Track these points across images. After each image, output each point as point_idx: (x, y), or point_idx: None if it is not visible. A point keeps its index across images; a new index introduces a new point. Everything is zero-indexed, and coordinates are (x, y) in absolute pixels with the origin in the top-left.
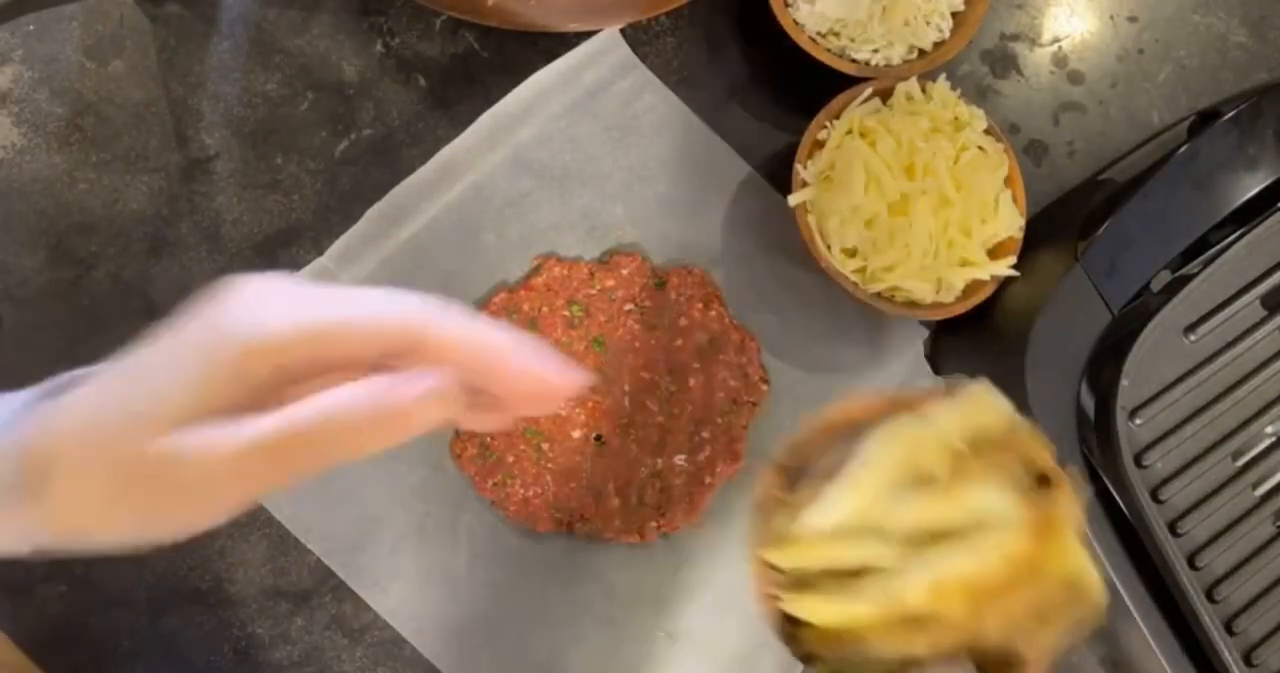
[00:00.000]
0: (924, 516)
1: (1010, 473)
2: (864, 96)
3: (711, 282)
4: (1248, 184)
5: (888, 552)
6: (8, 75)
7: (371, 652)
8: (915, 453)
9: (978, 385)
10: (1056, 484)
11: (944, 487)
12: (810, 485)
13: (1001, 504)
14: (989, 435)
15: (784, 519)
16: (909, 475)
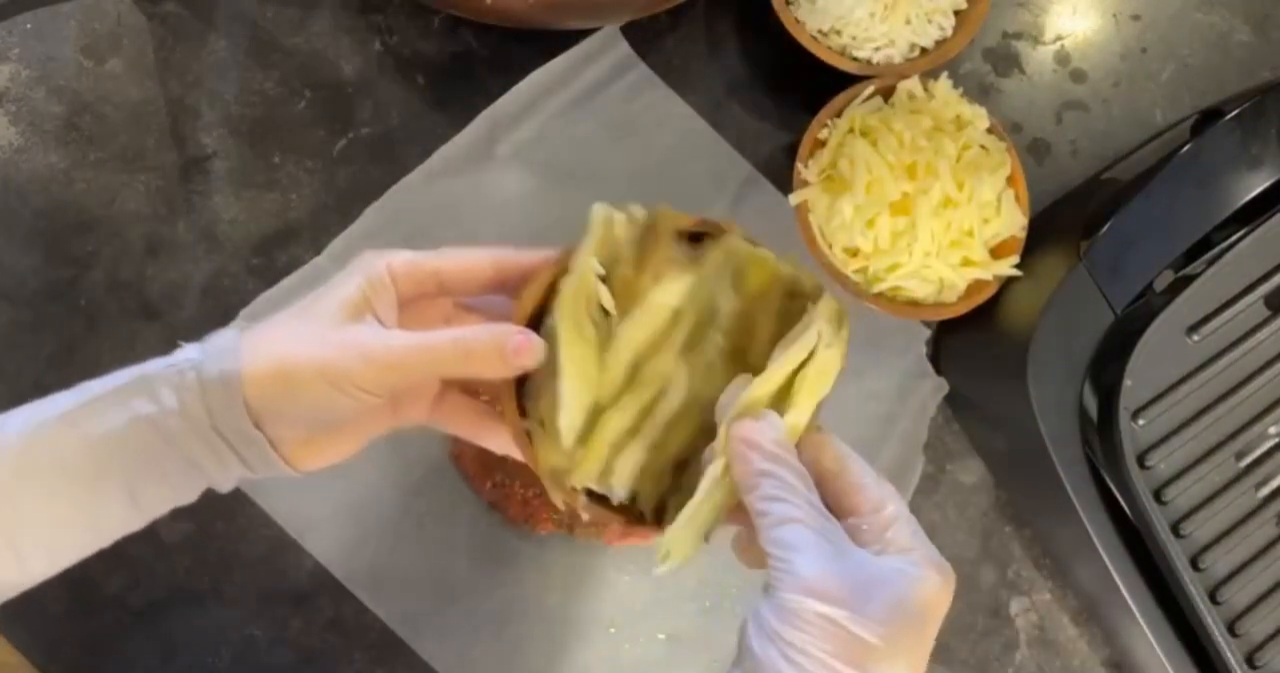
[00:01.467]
0: (633, 342)
1: (674, 258)
2: (865, 95)
3: None
4: (1251, 183)
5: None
6: (5, 74)
7: (370, 653)
8: (585, 305)
9: (595, 212)
10: (714, 235)
11: (623, 316)
12: (542, 390)
13: (678, 287)
14: (634, 241)
15: (550, 444)
16: (589, 313)
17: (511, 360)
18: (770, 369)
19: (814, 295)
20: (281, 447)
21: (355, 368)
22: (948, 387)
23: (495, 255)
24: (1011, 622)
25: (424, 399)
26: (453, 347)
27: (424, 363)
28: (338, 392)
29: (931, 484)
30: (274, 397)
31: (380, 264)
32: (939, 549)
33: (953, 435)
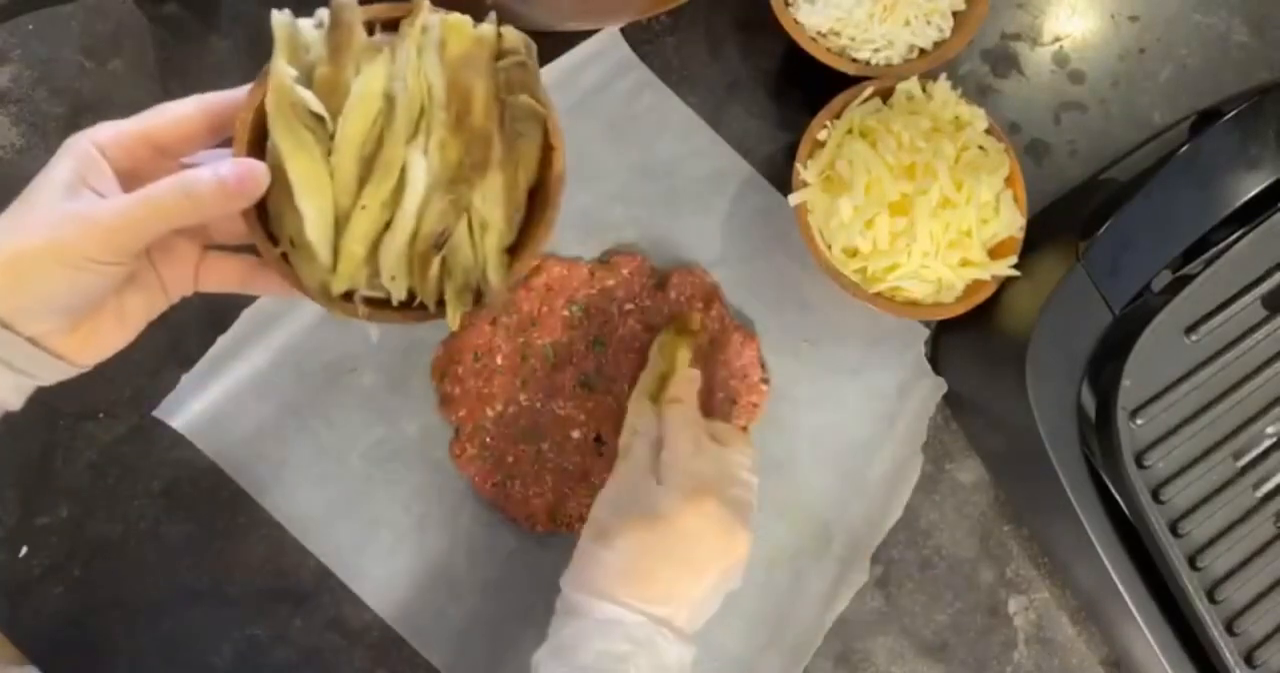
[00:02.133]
0: (353, 137)
1: (370, 45)
2: (864, 96)
3: (711, 282)
4: (1249, 184)
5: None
6: (6, 75)
7: (371, 652)
8: (295, 114)
9: (274, 18)
10: (407, 16)
11: (336, 115)
12: (284, 212)
13: (379, 70)
14: (326, 40)
15: (308, 262)
16: (302, 121)
17: (236, 191)
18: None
19: (521, 49)
20: (46, 342)
21: (79, 238)
22: (946, 386)
23: (201, 102)
24: (1010, 621)
25: (185, 266)
26: (173, 192)
27: (149, 215)
28: (72, 268)
29: (930, 484)
30: (12, 290)
31: (84, 140)
32: (937, 548)
33: (951, 435)
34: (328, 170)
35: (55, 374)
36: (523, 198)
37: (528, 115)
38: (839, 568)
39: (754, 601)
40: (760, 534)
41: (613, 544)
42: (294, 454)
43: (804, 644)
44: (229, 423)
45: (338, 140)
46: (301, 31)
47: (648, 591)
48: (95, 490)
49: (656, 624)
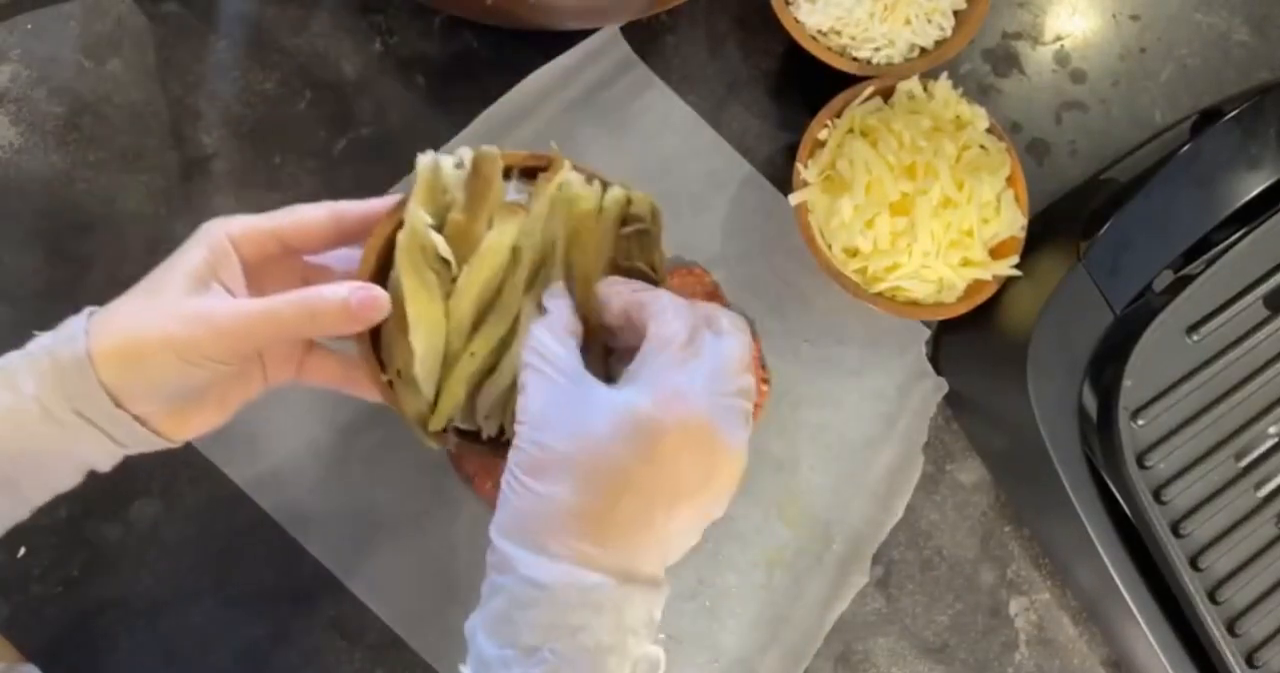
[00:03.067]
0: (474, 287)
1: (505, 199)
2: (865, 95)
3: (711, 282)
4: (1250, 183)
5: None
6: (5, 74)
7: (371, 653)
8: (423, 256)
9: (419, 161)
10: (546, 168)
11: (462, 262)
12: (395, 342)
13: (510, 228)
14: (464, 185)
15: (410, 393)
16: (429, 263)
17: (356, 316)
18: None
19: (646, 216)
20: (149, 421)
21: (202, 338)
22: (947, 386)
23: (333, 209)
24: (1011, 622)
25: (289, 360)
26: (297, 309)
27: (270, 327)
28: (187, 363)
29: (931, 484)
30: (127, 374)
31: (220, 232)
32: (938, 549)
33: (952, 435)
34: (444, 312)
35: (148, 447)
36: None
37: (641, 278)
38: (839, 569)
39: (754, 601)
40: (760, 534)
41: (554, 476)
42: (294, 454)
43: (804, 645)
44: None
45: (460, 286)
46: (443, 173)
47: (605, 534)
48: (95, 490)
49: (620, 581)
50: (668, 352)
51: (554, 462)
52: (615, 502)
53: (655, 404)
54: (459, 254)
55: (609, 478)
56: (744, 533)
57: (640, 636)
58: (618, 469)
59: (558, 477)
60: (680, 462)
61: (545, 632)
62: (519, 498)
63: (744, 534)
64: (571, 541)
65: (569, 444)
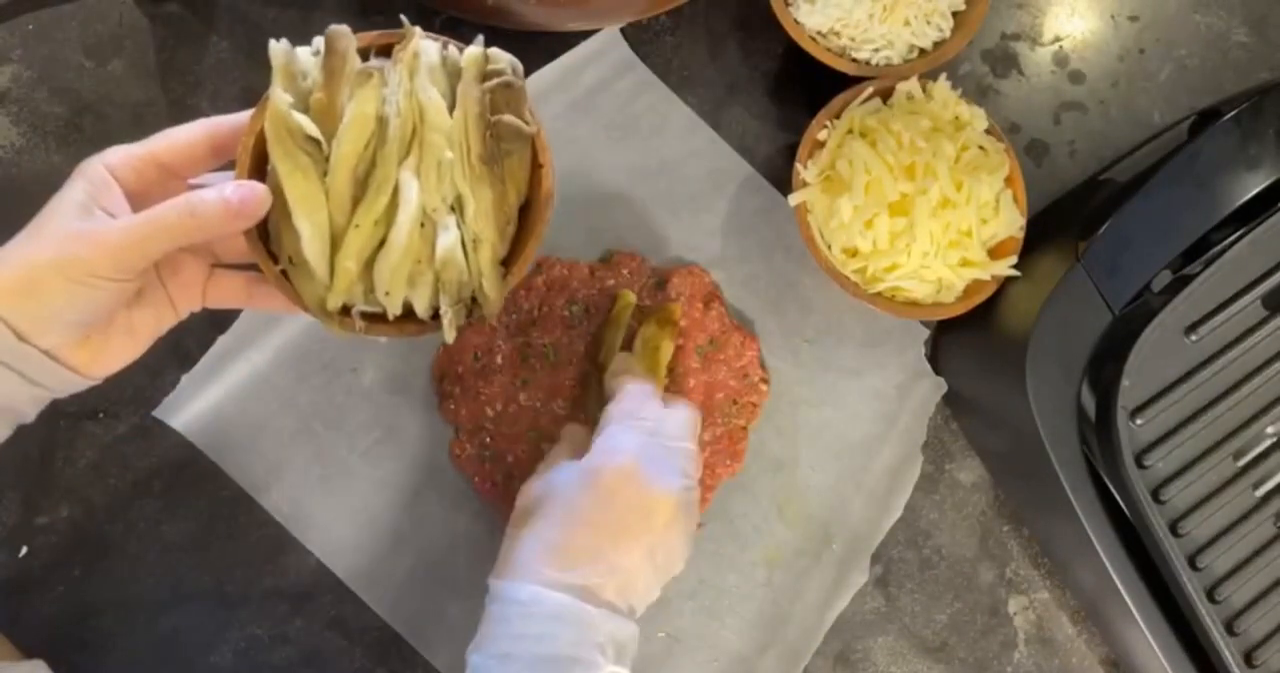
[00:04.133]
0: (346, 159)
1: (364, 71)
2: (864, 96)
3: (711, 282)
4: (1249, 184)
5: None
6: (7, 75)
7: (371, 652)
8: (291, 138)
9: (272, 48)
10: (400, 42)
11: (330, 138)
12: (282, 231)
13: (370, 94)
14: (322, 67)
15: (306, 279)
16: (299, 145)
17: (238, 211)
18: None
19: (506, 70)
20: (59, 355)
21: (88, 256)
22: (946, 386)
23: (206, 126)
24: (1010, 621)
25: (194, 284)
26: (177, 213)
27: (154, 234)
28: (80, 284)
29: (930, 484)
30: (24, 305)
31: (96, 163)
32: (937, 548)
33: (951, 435)
34: (323, 191)
35: (67, 386)
36: (513, 212)
37: (515, 134)
38: (839, 568)
39: (754, 601)
40: (760, 534)
41: (531, 524)
42: (294, 454)
43: (804, 644)
44: (229, 423)
45: (332, 162)
46: (298, 59)
47: (564, 560)
48: (95, 490)
49: (580, 599)
50: (613, 424)
51: (531, 514)
52: (571, 533)
53: (598, 457)
54: (326, 131)
55: (564, 516)
56: (744, 533)
57: (607, 655)
58: (571, 508)
59: (533, 524)
60: (617, 500)
61: (515, 641)
62: (506, 546)
63: (744, 534)
64: (541, 567)
65: (539, 500)
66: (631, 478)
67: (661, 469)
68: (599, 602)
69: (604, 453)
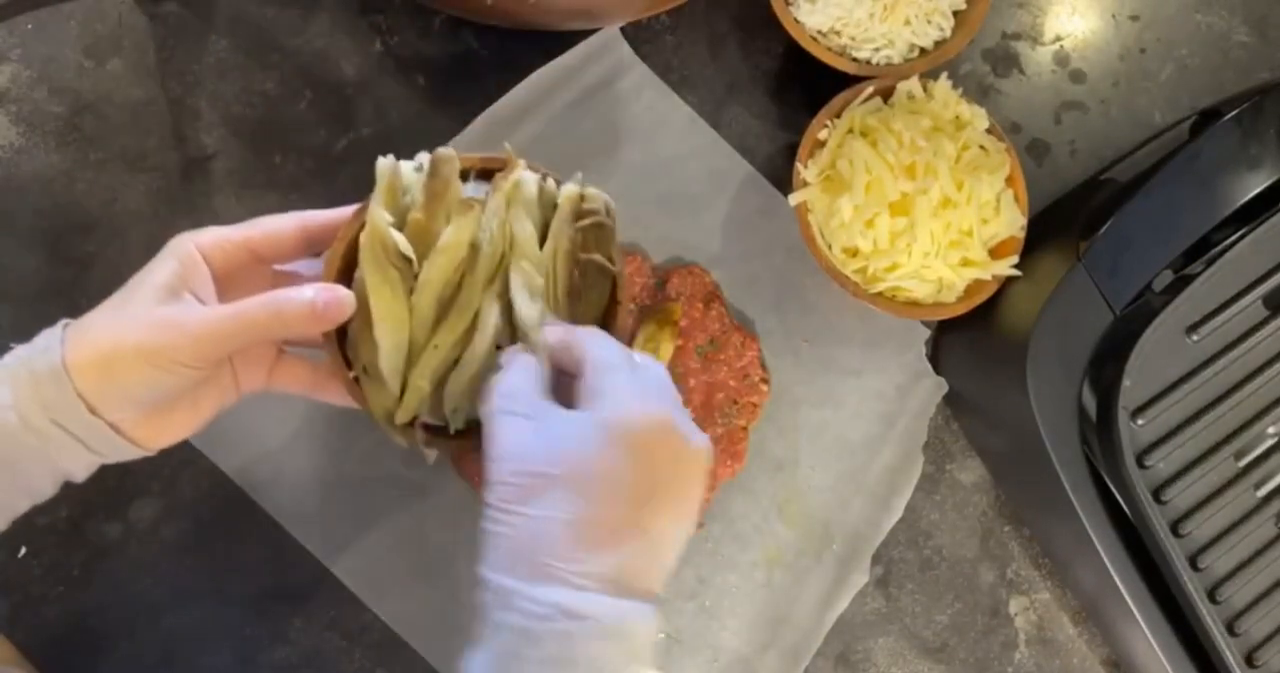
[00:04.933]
0: (434, 281)
1: (462, 197)
2: (865, 95)
3: (711, 282)
4: (1250, 184)
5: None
6: (6, 74)
7: (370, 653)
8: (384, 254)
9: (379, 165)
10: (502, 169)
11: (423, 259)
12: (361, 340)
13: (467, 223)
14: (422, 186)
15: (377, 389)
16: (391, 261)
17: (322, 316)
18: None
19: (600, 210)
20: (124, 429)
21: (172, 344)
22: (947, 386)
23: (300, 218)
24: (1011, 621)
25: (260, 366)
26: (264, 311)
27: (239, 330)
28: (159, 370)
29: (931, 484)
30: (102, 383)
31: (189, 244)
32: (938, 548)
33: (952, 435)
34: (408, 308)
35: (124, 455)
36: None
37: (599, 272)
38: (839, 568)
39: (754, 601)
40: (760, 534)
41: (545, 496)
42: (294, 455)
43: (804, 645)
44: (229, 423)
45: (421, 282)
46: (401, 175)
47: (597, 540)
48: (95, 491)
49: (626, 598)
50: (619, 372)
51: (542, 484)
52: (606, 505)
53: (626, 412)
54: (420, 252)
55: (597, 484)
56: (744, 533)
57: (644, 661)
58: (603, 474)
59: (549, 496)
60: (655, 459)
61: (556, 667)
62: (512, 528)
63: (744, 534)
64: (571, 554)
65: (553, 466)
66: (667, 434)
67: (686, 422)
68: (639, 591)
69: (631, 402)
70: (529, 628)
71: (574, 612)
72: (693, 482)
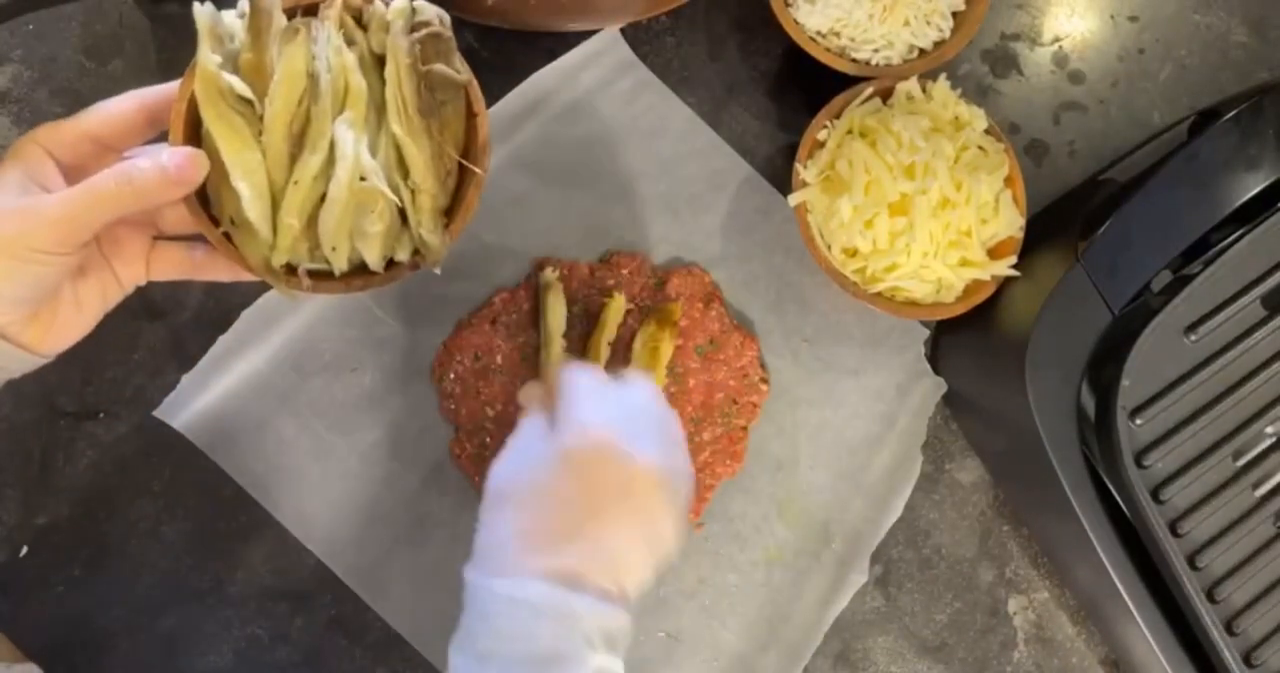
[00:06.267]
0: (280, 116)
1: (291, 27)
2: (864, 96)
3: (711, 282)
4: (1248, 184)
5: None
6: (7, 75)
7: (371, 652)
8: (224, 99)
9: (196, 11)
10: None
11: (263, 97)
12: (222, 193)
13: (299, 51)
14: (248, 28)
15: (250, 240)
16: (232, 106)
17: (176, 178)
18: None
19: (434, 20)
20: (9, 334)
21: (29, 232)
22: (946, 386)
23: (137, 96)
24: (1009, 620)
25: (137, 257)
26: (115, 182)
27: (93, 205)
28: (22, 261)
29: (930, 483)
30: None
31: (28, 142)
32: (937, 548)
33: (951, 435)
34: (260, 150)
35: (21, 365)
36: (452, 163)
37: (448, 84)
38: (839, 568)
39: (754, 600)
40: (760, 534)
41: (503, 508)
42: (294, 454)
43: (804, 644)
44: (229, 423)
45: (266, 120)
46: (224, 21)
47: (542, 543)
48: (95, 490)
49: (562, 587)
50: (581, 402)
51: (504, 500)
52: (548, 515)
53: (572, 437)
54: (258, 91)
55: (541, 498)
56: (744, 533)
57: (597, 648)
58: (546, 490)
59: (504, 508)
60: (595, 475)
61: (498, 640)
62: (480, 534)
63: (744, 534)
64: (518, 555)
65: (513, 485)
66: (608, 450)
67: (638, 438)
68: (584, 586)
69: (574, 426)
70: (482, 610)
71: (515, 597)
72: (643, 495)
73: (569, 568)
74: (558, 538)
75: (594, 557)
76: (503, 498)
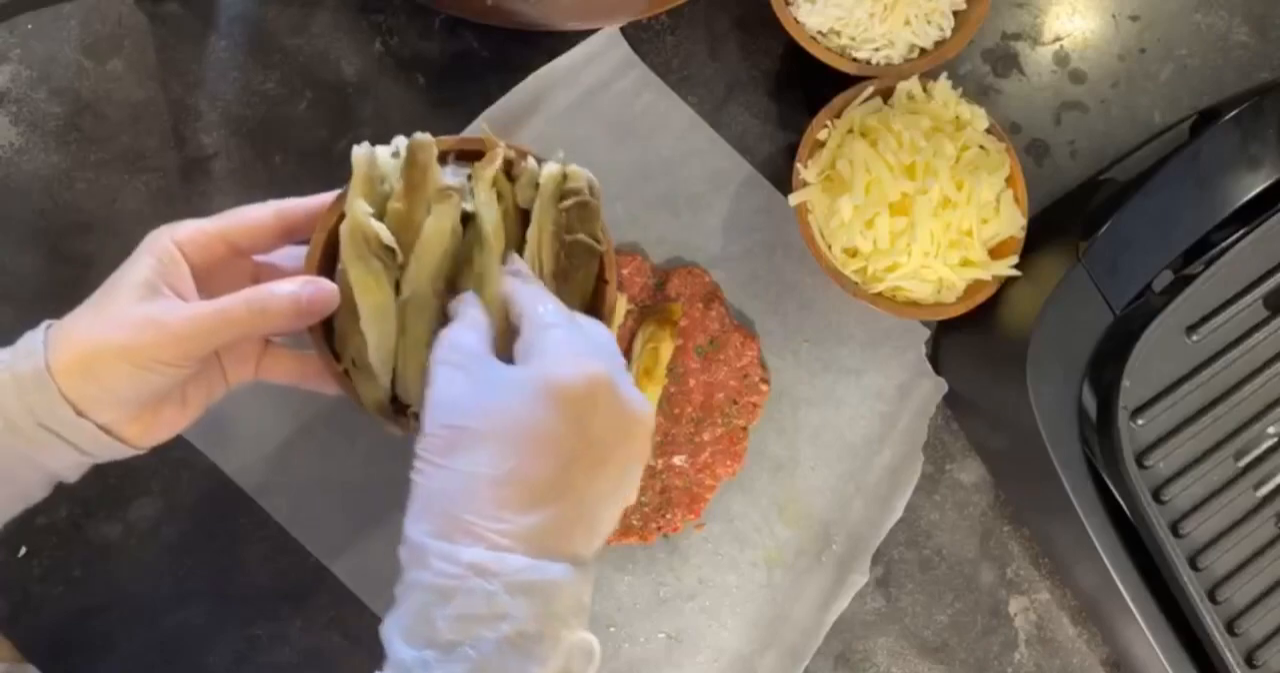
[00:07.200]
0: (422, 273)
1: (442, 183)
2: (865, 96)
3: (711, 282)
4: (1250, 184)
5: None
6: (6, 74)
7: (371, 652)
8: (366, 245)
9: (355, 153)
10: (482, 151)
11: (406, 249)
12: (348, 331)
13: (449, 210)
14: (401, 174)
15: (368, 382)
16: (373, 251)
17: (306, 310)
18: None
19: (583, 189)
20: (113, 429)
21: (154, 343)
22: (947, 386)
23: (277, 207)
24: (1010, 621)
25: (247, 360)
26: (247, 307)
27: (221, 327)
28: (143, 369)
29: (931, 484)
30: (86, 384)
31: (165, 239)
32: (938, 548)
33: (952, 435)
34: (393, 299)
35: (115, 455)
36: None
37: (586, 252)
38: (839, 568)
39: (754, 600)
40: (760, 534)
41: (471, 450)
42: (294, 455)
43: (804, 644)
44: (229, 424)
45: (407, 274)
46: (378, 163)
47: (522, 499)
48: (95, 490)
49: (542, 556)
50: (557, 329)
51: (470, 438)
52: (536, 464)
53: (565, 369)
54: (402, 240)
55: (528, 442)
56: (744, 533)
57: (571, 625)
58: (536, 432)
59: (475, 451)
60: (589, 418)
61: (465, 625)
62: (432, 481)
63: (744, 534)
64: (493, 511)
65: (483, 420)
66: (609, 394)
67: (627, 382)
68: (562, 553)
69: (566, 358)
70: (441, 586)
71: (486, 570)
72: (632, 445)
73: (551, 531)
74: (542, 492)
75: (578, 517)
76: (465, 435)
